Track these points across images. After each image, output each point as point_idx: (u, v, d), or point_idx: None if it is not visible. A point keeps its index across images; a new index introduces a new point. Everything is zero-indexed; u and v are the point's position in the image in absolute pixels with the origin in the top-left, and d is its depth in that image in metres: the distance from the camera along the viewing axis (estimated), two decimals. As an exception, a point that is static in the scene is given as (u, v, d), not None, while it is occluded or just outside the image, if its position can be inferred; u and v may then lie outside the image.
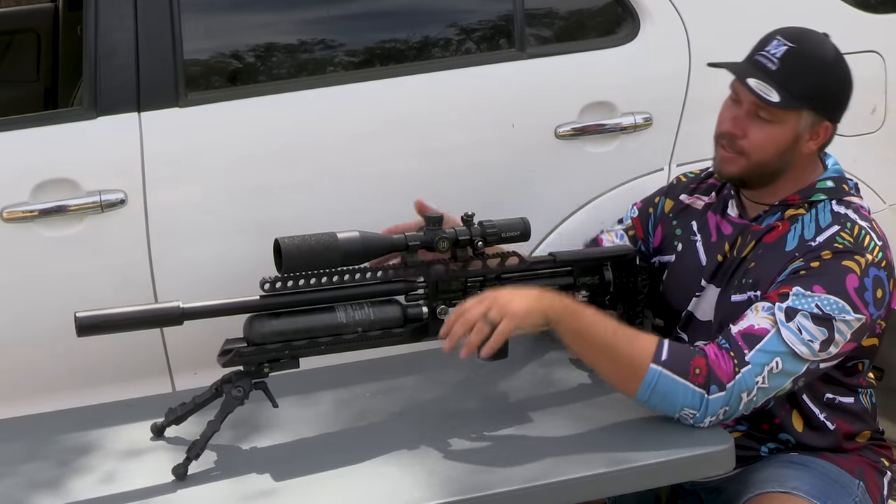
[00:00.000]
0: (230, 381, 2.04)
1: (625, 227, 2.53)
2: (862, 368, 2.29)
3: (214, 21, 2.77)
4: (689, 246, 2.39)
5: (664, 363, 2.02)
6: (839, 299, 2.08)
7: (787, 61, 2.16)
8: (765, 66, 2.17)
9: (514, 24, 2.82)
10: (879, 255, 2.15)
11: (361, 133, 2.69)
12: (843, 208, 2.22)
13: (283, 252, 2.00)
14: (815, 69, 2.19)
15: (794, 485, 2.15)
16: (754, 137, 2.20)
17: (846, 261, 2.12)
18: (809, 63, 2.19)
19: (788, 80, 2.15)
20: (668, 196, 2.50)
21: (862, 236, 2.16)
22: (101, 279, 2.56)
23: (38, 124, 2.65)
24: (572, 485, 1.93)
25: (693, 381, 2.02)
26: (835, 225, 2.18)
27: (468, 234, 2.16)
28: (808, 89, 2.17)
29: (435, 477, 1.94)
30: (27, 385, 2.57)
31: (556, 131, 2.78)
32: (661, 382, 2.02)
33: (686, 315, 2.35)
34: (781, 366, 2.05)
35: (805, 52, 2.19)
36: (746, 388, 2.03)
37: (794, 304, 2.08)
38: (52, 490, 1.98)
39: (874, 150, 2.99)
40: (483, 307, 2.04)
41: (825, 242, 2.15)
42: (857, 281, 2.10)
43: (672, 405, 2.03)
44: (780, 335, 2.05)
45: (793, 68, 2.16)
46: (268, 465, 2.01)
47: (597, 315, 2.08)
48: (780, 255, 2.20)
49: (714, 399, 2.02)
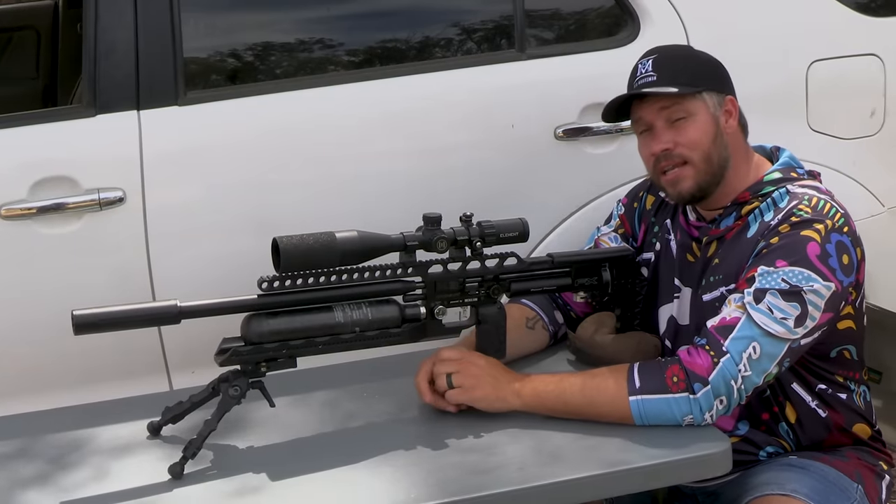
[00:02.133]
0: (227, 380, 2.04)
1: (614, 228, 2.53)
2: (849, 357, 2.28)
3: (214, 20, 2.77)
4: (665, 244, 2.40)
5: (640, 390, 2.06)
6: (803, 269, 2.08)
7: (660, 66, 2.24)
8: (648, 81, 2.24)
9: (515, 25, 2.82)
10: (841, 221, 2.15)
11: (360, 133, 2.69)
12: (800, 188, 2.22)
13: (282, 251, 2.00)
14: (684, 58, 2.31)
15: (793, 487, 2.15)
16: (684, 139, 2.23)
17: (805, 230, 2.12)
18: (676, 57, 2.29)
19: (672, 76, 2.22)
20: (650, 192, 2.50)
21: (821, 205, 2.16)
22: (98, 277, 2.56)
23: (37, 122, 2.65)
24: (570, 486, 1.93)
25: (675, 390, 2.04)
26: (793, 201, 2.19)
27: (466, 235, 2.16)
28: (691, 75, 2.25)
29: (432, 477, 1.94)
30: (24, 382, 2.57)
31: (555, 132, 2.78)
32: (646, 408, 2.05)
33: (670, 320, 2.35)
34: (760, 349, 2.06)
35: (667, 53, 2.29)
36: (731, 377, 2.04)
37: (762, 284, 2.08)
38: (47, 488, 1.97)
39: (873, 153, 2.99)
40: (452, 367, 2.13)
41: (783, 217, 2.16)
42: (818, 248, 2.10)
43: (670, 419, 2.05)
44: (751, 319, 2.06)
45: (667, 68, 2.24)
46: (264, 464, 2.00)
47: (559, 383, 2.12)
48: (743, 244, 2.20)
49: (702, 395, 2.03)
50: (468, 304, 2.21)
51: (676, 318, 2.35)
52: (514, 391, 2.11)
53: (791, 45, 2.91)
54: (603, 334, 2.34)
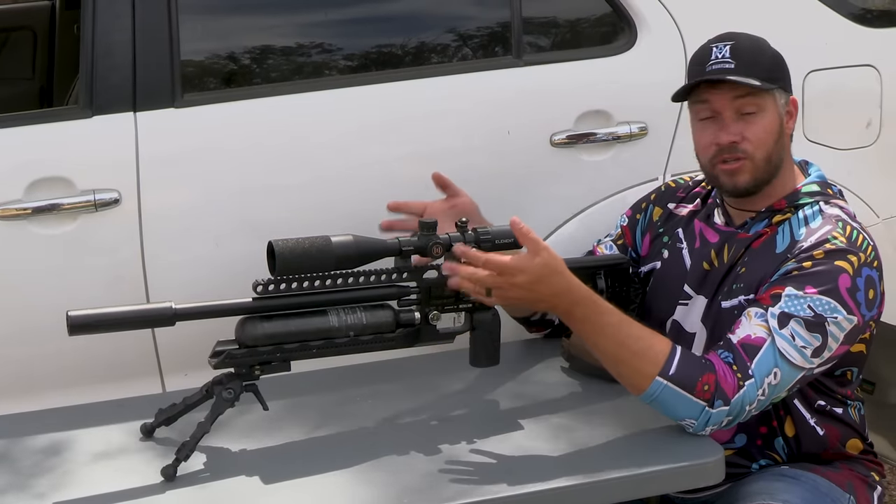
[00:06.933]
0: (221, 382, 2.04)
1: (614, 238, 2.53)
2: (851, 377, 2.29)
3: (212, 22, 2.77)
4: (674, 253, 2.39)
5: (671, 377, 2.02)
6: (831, 299, 2.08)
7: (738, 54, 2.21)
8: (724, 67, 2.20)
9: (512, 32, 2.82)
10: (872, 255, 2.16)
11: (356, 137, 2.69)
12: (832, 209, 2.22)
13: (277, 254, 2.00)
14: (762, 51, 2.26)
15: (785, 497, 2.14)
16: (752, 134, 2.21)
17: (839, 260, 2.11)
18: (755, 48, 2.25)
19: (750, 68, 2.20)
20: (657, 204, 2.50)
21: (855, 236, 2.16)
22: (93, 278, 2.55)
23: (34, 122, 2.65)
24: (561, 493, 1.93)
25: (700, 396, 2.02)
26: (826, 225, 2.18)
27: (462, 241, 2.16)
28: (767, 69, 2.22)
29: (424, 483, 1.94)
30: (16, 383, 2.57)
31: (551, 139, 2.78)
32: (664, 394, 2.03)
33: (673, 325, 2.35)
34: (780, 376, 2.06)
35: (745, 42, 2.24)
36: (749, 401, 2.04)
37: (787, 308, 2.08)
38: (37, 489, 1.97)
39: (868, 163, 3.00)
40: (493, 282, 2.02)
41: (818, 242, 2.15)
42: (849, 281, 2.10)
43: (673, 414, 2.05)
44: (775, 345, 2.06)
45: (746, 58, 2.20)
46: (257, 467, 2.00)
47: (605, 324, 2.05)
48: (770, 257, 2.20)
49: (717, 412, 2.03)
50: (463, 309, 2.20)
51: (682, 323, 2.34)
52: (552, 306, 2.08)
53: (787, 55, 2.91)
54: (597, 341, 2.34)
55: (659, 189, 2.54)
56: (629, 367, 2.05)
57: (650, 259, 2.46)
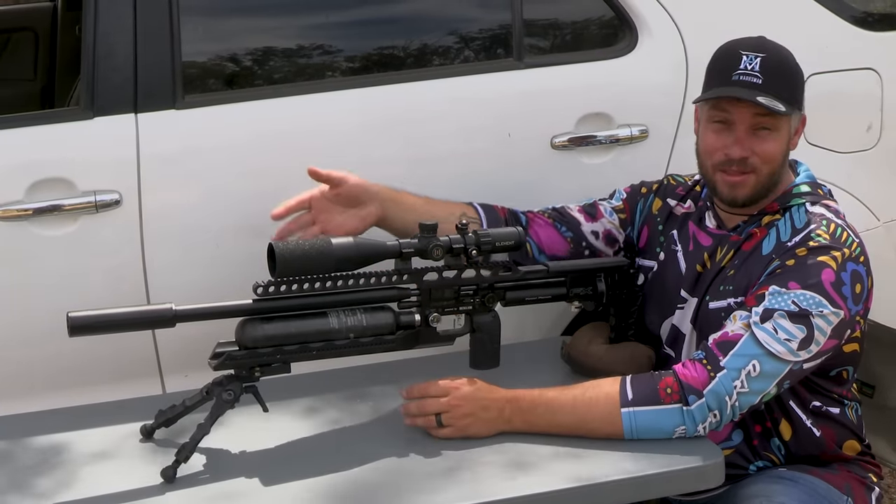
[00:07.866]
0: (221, 384, 2.04)
1: (614, 207, 2.51)
2: (847, 377, 2.29)
3: (213, 24, 2.77)
4: (670, 255, 2.39)
5: (633, 402, 2.06)
6: (815, 294, 2.09)
7: (767, 71, 2.20)
8: (752, 82, 2.19)
9: (513, 34, 2.82)
10: (857, 251, 2.16)
11: (357, 139, 2.69)
12: (818, 209, 2.23)
13: (277, 256, 2.00)
14: (790, 70, 2.25)
15: (783, 500, 2.14)
16: (763, 151, 2.21)
17: (822, 256, 2.12)
18: (784, 66, 2.24)
19: (777, 88, 2.19)
20: (658, 196, 2.49)
21: (839, 233, 2.17)
22: (93, 279, 2.55)
23: (35, 123, 2.65)
24: (561, 496, 1.93)
25: (667, 401, 2.05)
26: (811, 224, 2.19)
27: (462, 243, 2.16)
28: (793, 91, 2.23)
29: (422, 485, 1.94)
30: (17, 384, 2.57)
31: (552, 141, 2.78)
32: (639, 419, 2.05)
33: (671, 329, 2.35)
34: (760, 368, 2.06)
35: (774, 56, 2.23)
36: (726, 393, 2.05)
37: (771, 304, 2.09)
38: (38, 490, 1.97)
39: (868, 167, 3.00)
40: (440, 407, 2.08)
41: (801, 240, 2.17)
42: (833, 275, 2.10)
43: (662, 432, 2.06)
44: (753, 337, 2.07)
45: (774, 76, 2.20)
46: (257, 468, 2.01)
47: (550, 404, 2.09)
48: (757, 260, 2.21)
49: (696, 407, 2.04)
50: (463, 311, 2.21)
51: (678, 326, 2.34)
52: (505, 420, 2.10)
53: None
54: (597, 344, 2.35)
55: (661, 182, 2.53)
56: (595, 419, 2.07)
57: (646, 255, 2.46)
